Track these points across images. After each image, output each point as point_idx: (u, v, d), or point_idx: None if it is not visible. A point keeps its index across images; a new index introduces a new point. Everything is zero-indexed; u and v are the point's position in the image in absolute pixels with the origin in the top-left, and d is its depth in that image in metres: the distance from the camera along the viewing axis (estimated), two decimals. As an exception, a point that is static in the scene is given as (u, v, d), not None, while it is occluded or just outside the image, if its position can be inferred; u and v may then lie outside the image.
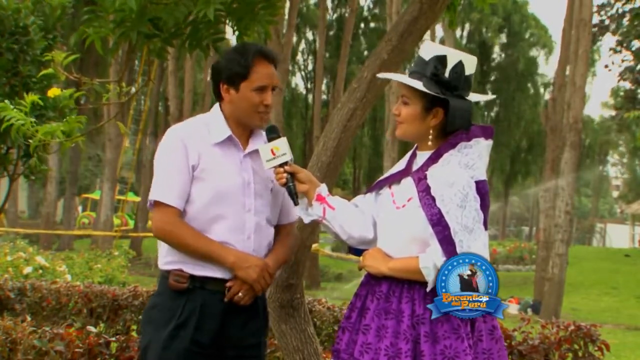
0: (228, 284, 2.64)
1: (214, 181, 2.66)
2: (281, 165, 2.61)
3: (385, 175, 2.67)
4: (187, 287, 2.65)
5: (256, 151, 2.72)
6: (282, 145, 2.59)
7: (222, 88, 2.73)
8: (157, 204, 2.66)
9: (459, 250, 2.37)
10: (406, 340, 2.37)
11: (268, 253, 2.77)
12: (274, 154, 2.56)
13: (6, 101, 3.32)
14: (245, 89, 2.67)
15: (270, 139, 2.63)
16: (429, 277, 2.38)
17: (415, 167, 2.58)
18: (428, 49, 2.55)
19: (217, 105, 2.78)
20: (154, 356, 2.64)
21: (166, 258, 2.71)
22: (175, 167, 2.66)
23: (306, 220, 2.67)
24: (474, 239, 2.40)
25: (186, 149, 2.66)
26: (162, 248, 2.73)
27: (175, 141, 2.69)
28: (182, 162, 2.65)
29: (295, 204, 2.63)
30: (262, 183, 2.74)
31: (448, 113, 2.49)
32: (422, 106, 2.52)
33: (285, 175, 2.61)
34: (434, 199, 2.42)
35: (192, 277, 2.65)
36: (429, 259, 2.40)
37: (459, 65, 2.51)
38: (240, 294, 2.64)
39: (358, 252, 2.74)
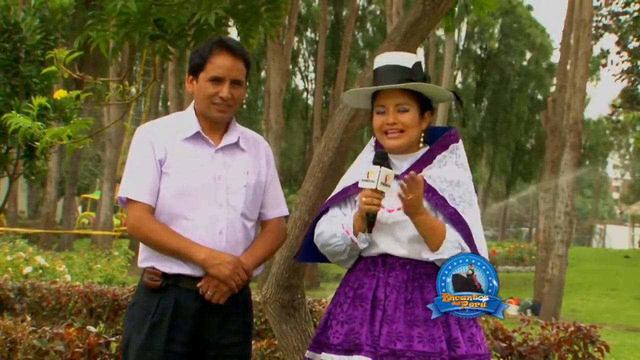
0: (199, 284, 2.61)
1: (180, 176, 2.64)
2: (378, 192, 2.47)
3: (350, 182, 2.64)
4: (160, 285, 2.63)
5: (229, 146, 2.72)
6: (375, 173, 2.46)
7: (188, 79, 2.73)
8: (128, 201, 2.66)
9: (476, 244, 2.47)
10: (437, 327, 2.43)
11: (247, 248, 2.72)
12: (367, 177, 2.47)
13: (11, 102, 3.33)
14: (202, 80, 2.66)
15: (373, 162, 2.51)
16: (447, 250, 2.44)
17: (398, 171, 2.58)
18: (402, 57, 2.63)
19: (194, 101, 2.77)
20: (133, 355, 2.63)
21: (142, 255, 2.71)
22: (142, 163, 2.65)
23: (362, 246, 2.58)
24: (481, 233, 2.52)
25: (152, 144, 2.65)
26: (141, 245, 2.73)
27: (142, 138, 2.70)
28: (149, 157, 2.64)
29: (369, 231, 2.52)
30: (236, 178, 2.70)
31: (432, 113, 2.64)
32: (419, 110, 2.59)
33: (376, 205, 2.46)
34: (444, 199, 2.48)
35: (165, 275, 2.63)
36: (456, 238, 2.46)
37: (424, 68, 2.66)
38: (209, 292, 2.60)
39: (307, 257, 2.78)
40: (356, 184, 2.59)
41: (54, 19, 5.20)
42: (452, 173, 2.55)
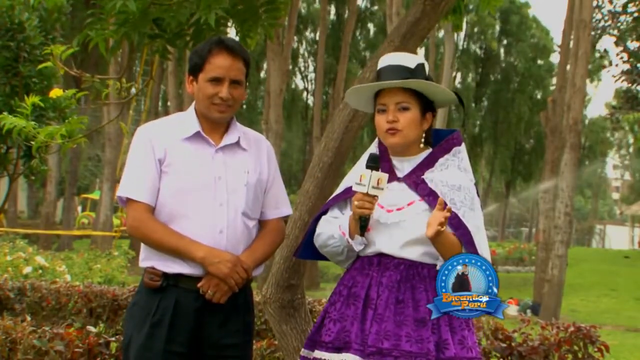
0: (200, 284, 2.60)
1: (179, 175, 2.65)
2: (370, 196, 2.46)
3: (351, 184, 2.61)
4: (160, 285, 2.63)
5: (230, 145, 2.72)
6: (367, 176, 2.46)
7: (187, 80, 2.73)
8: (128, 201, 2.66)
9: (478, 250, 2.45)
10: (427, 328, 2.42)
11: (248, 247, 2.72)
12: (360, 180, 2.47)
13: (11, 101, 3.33)
14: (201, 81, 2.66)
15: (366, 166, 2.52)
16: None
17: (400, 173, 2.59)
18: (405, 57, 2.63)
19: (195, 101, 2.78)
20: (134, 356, 2.63)
21: (142, 254, 2.71)
22: (142, 162, 2.65)
23: (357, 248, 2.58)
24: (484, 238, 2.51)
25: (152, 144, 2.66)
26: (142, 245, 2.73)
27: (142, 138, 2.70)
28: (149, 157, 2.65)
29: (362, 235, 2.52)
30: (236, 177, 2.70)
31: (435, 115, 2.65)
32: (420, 110, 2.59)
33: (367, 209, 2.47)
34: (444, 204, 2.45)
35: (166, 275, 2.63)
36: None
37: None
38: (210, 291, 2.60)
39: (307, 254, 2.78)
40: (350, 188, 2.60)
41: (50, 18, 5.19)
42: (453, 177, 2.56)
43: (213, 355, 2.66)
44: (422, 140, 2.63)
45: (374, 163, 2.51)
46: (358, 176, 2.48)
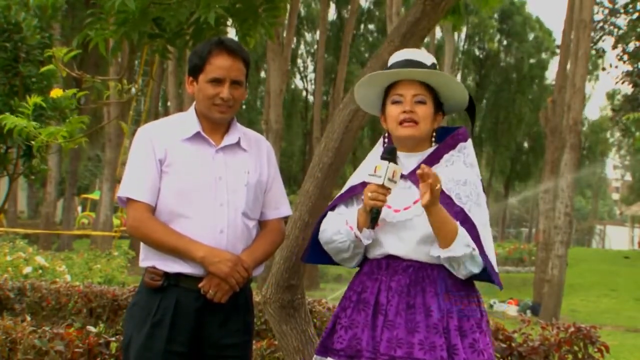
0: (201, 284, 2.60)
1: (180, 176, 2.65)
2: (384, 188, 2.41)
3: (357, 181, 2.61)
4: (161, 285, 2.63)
5: (230, 146, 2.72)
6: (383, 168, 2.41)
7: (188, 81, 2.73)
8: (128, 201, 2.67)
9: (484, 247, 2.43)
10: (439, 334, 2.38)
11: (248, 247, 2.72)
12: (375, 171, 2.43)
13: (10, 101, 3.32)
14: (202, 82, 2.66)
15: (381, 158, 2.47)
16: (458, 247, 2.38)
17: (405, 170, 2.54)
18: (421, 54, 2.63)
19: (195, 101, 2.78)
20: (134, 356, 2.63)
21: (142, 254, 2.71)
22: (142, 163, 2.66)
23: (365, 242, 2.55)
24: (489, 235, 2.48)
25: (152, 144, 2.66)
26: (141, 244, 2.73)
27: (143, 138, 2.71)
28: (149, 157, 2.65)
29: (372, 227, 2.47)
30: (236, 177, 2.71)
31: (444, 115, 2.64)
32: (434, 107, 2.57)
33: (381, 201, 2.41)
34: (450, 198, 2.44)
35: (167, 275, 2.63)
36: (466, 234, 2.41)
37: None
38: (211, 291, 2.60)
39: (313, 259, 2.75)
40: (363, 183, 2.56)
41: (44, 15, 5.18)
42: (459, 172, 2.52)
43: (213, 355, 2.66)
44: (433, 138, 2.60)
45: (391, 155, 2.45)
46: (372, 167, 2.43)
